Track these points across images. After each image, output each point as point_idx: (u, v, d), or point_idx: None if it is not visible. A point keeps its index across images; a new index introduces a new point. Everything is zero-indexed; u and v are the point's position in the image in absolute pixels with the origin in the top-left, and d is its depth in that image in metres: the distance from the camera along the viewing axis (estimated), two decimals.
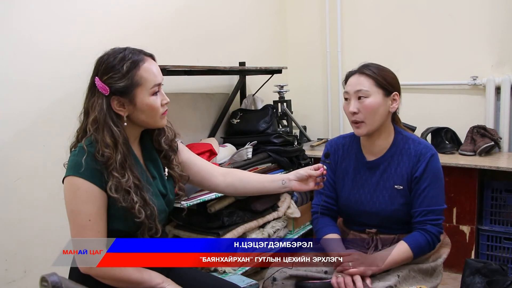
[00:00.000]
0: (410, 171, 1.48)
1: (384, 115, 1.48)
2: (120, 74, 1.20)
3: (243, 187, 1.49)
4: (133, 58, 1.22)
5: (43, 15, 1.78)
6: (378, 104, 1.45)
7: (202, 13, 2.61)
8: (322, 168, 1.40)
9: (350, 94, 1.48)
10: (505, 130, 2.75)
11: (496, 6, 2.77)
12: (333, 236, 1.52)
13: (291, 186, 1.44)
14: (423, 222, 1.46)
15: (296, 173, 1.44)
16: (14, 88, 1.70)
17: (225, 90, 2.82)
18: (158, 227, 1.27)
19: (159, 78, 1.26)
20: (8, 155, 1.69)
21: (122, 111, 1.23)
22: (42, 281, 0.97)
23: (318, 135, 3.43)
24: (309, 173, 1.43)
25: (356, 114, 1.46)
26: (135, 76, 1.21)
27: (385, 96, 1.47)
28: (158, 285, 1.25)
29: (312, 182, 1.44)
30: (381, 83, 1.46)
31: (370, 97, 1.45)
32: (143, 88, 1.22)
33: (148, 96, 1.23)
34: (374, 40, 3.16)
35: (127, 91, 1.21)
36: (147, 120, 1.26)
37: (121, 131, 1.22)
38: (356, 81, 1.48)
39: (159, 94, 1.27)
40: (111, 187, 1.18)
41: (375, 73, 1.46)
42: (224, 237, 2.06)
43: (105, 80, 1.21)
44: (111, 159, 1.19)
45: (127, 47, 1.26)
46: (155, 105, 1.25)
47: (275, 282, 1.45)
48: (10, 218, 1.70)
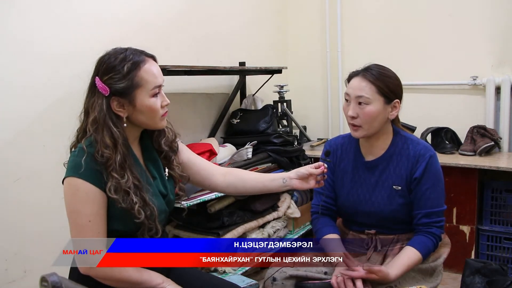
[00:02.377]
0: (409, 172, 1.48)
1: (382, 122, 1.47)
2: (121, 75, 1.19)
3: (243, 186, 1.49)
4: (134, 59, 1.21)
5: (43, 16, 1.78)
6: (377, 112, 1.44)
7: (202, 13, 2.61)
8: (322, 167, 1.40)
9: (351, 97, 1.46)
10: (505, 130, 2.75)
11: (496, 6, 2.77)
12: (332, 236, 1.52)
13: (292, 185, 1.44)
14: (427, 224, 1.46)
15: (297, 171, 1.44)
16: (14, 88, 1.70)
17: (225, 90, 2.82)
18: (158, 228, 1.26)
19: (159, 80, 1.25)
20: (8, 155, 1.69)
21: (121, 112, 1.23)
22: (42, 281, 0.97)
23: (318, 135, 3.43)
24: (309, 171, 1.42)
25: (354, 119, 1.46)
26: (136, 77, 1.20)
27: (385, 104, 1.45)
28: (158, 285, 1.25)
29: (312, 181, 1.43)
30: (383, 91, 1.44)
31: (370, 105, 1.43)
32: (143, 89, 1.21)
33: (148, 98, 1.22)
34: (374, 40, 3.16)
35: (127, 92, 1.20)
36: (147, 122, 1.26)
37: (120, 132, 1.21)
38: (358, 85, 1.45)
39: (159, 96, 1.26)
40: (111, 188, 1.18)
41: (378, 80, 1.44)
42: (224, 237, 2.06)
43: (106, 81, 1.20)
44: (110, 160, 1.18)
45: (128, 47, 1.25)
46: (155, 107, 1.24)
47: (275, 282, 1.45)
48: (10, 218, 1.70)
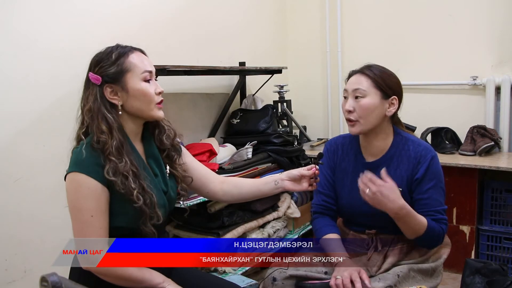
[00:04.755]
0: (411, 173, 1.48)
1: (379, 117, 1.48)
2: (110, 62, 1.25)
3: (239, 193, 1.51)
4: (121, 50, 1.27)
5: (43, 15, 1.78)
6: (373, 105, 1.45)
7: (202, 13, 2.61)
8: (314, 168, 1.41)
9: (348, 92, 1.49)
10: (505, 130, 2.75)
11: (496, 6, 2.77)
12: (332, 236, 1.52)
13: (283, 186, 1.46)
14: (434, 220, 1.44)
15: (288, 173, 1.46)
16: (14, 88, 1.70)
17: (225, 90, 2.82)
18: (159, 214, 1.27)
19: (148, 67, 1.29)
20: (8, 155, 1.69)
21: (115, 99, 1.26)
22: (42, 281, 0.97)
23: (318, 135, 3.43)
24: (301, 173, 1.44)
25: (351, 113, 1.47)
26: (124, 63, 1.25)
27: (382, 99, 1.46)
28: (159, 285, 1.25)
29: (305, 183, 1.45)
30: (380, 84, 1.46)
31: (366, 97, 1.45)
32: (133, 73, 1.25)
33: (140, 82, 1.26)
34: (374, 40, 3.16)
35: (118, 77, 1.24)
36: (142, 108, 1.28)
37: (115, 118, 1.24)
38: (356, 80, 1.48)
39: (152, 83, 1.29)
40: (109, 171, 1.19)
41: (375, 74, 1.47)
42: (224, 237, 2.06)
43: (97, 71, 1.25)
44: (107, 144, 1.21)
45: (117, 43, 1.31)
46: (147, 90, 1.27)
47: (275, 282, 1.45)
48: (10, 218, 1.70)
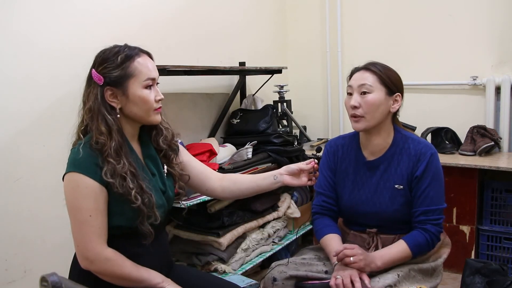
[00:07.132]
0: (411, 171, 1.48)
1: (384, 113, 1.48)
2: (115, 64, 1.24)
3: (238, 189, 1.51)
4: (129, 52, 1.26)
5: (43, 15, 1.78)
6: (380, 101, 1.46)
7: (202, 13, 2.61)
8: (313, 162, 1.41)
9: (353, 88, 1.49)
10: (505, 130, 2.75)
11: (496, 6, 2.77)
12: (333, 236, 1.52)
13: (282, 180, 1.46)
14: (423, 221, 1.45)
15: (287, 167, 1.47)
16: (14, 88, 1.70)
17: (225, 90, 2.82)
18: (157, 214, 1.27)
19: (153, 73, 1.28)
20: (9, 155, 1.69)
21: (115, 102, 1.26)
22: (42, 281, 0.97)
23: (318, 135, 3.43)
24: (300, 167, 1.44)
25: (356, 109, 1.47)
26: (129, 68, 1.24)
27: (387, 95, 1.47)
28: (158, 285, 1.26)
29: (305, 177, 1.45)
30: (385, 81, 1.47)
31: (373, 93, 1.46)
32: (136, 80, 1.25)
33: (141, 89, 1.25)
34: (374, 40, 3.16)
35: (120, 81, 1.24)
36: (140, 113, 1.28)
37: (115, 120, 1.24)
38: (361, 76, 1.49)
39: (153, 90, 1.29)
40: (107, 173, 1.19)
41: (380, 71, 1.47)
42: (224, 237, 2.06)
43: (100, 71, 1.24)
44: (105, 146, 1.21)
45: (125, 43, 1.30)
46: (147, 98, 1.26)
47: (275, 282, 1.44)
48: (10, 218, 1.70)
